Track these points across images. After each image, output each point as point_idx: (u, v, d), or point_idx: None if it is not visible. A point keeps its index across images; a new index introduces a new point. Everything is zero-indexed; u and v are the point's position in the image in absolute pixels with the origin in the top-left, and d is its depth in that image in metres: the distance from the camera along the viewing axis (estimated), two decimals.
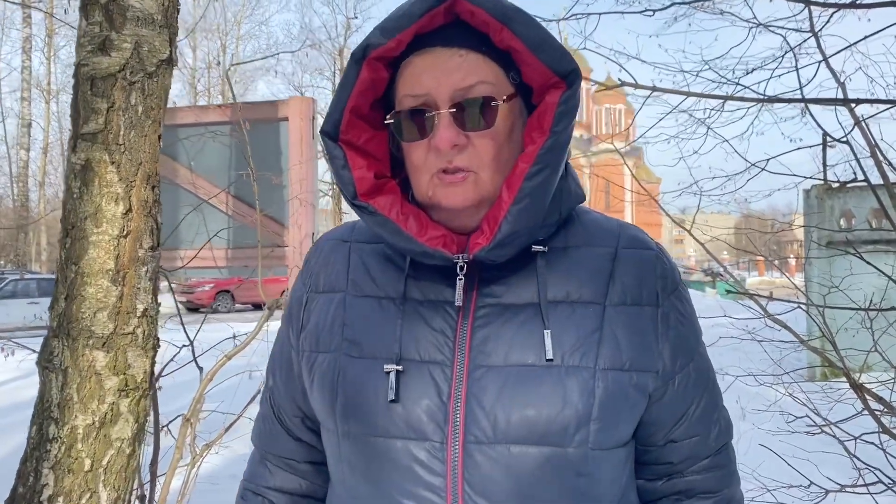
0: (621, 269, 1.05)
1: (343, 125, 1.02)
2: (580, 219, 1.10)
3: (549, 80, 0.98)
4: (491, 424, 0.95)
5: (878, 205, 3.51)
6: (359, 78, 0.99)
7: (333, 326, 1.07)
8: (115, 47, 1.98)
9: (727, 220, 46.10)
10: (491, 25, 0.96)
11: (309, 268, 1.17)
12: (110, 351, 1.95)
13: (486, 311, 1.01)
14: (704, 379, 1.11)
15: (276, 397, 1.20)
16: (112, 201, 1.95)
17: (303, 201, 3.38)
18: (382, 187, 1.05)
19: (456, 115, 0.98)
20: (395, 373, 0.98)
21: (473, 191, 0.99)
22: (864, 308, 2.75)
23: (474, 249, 0.99)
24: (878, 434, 2.76)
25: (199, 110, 3.62)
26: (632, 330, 1.02)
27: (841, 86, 3.23)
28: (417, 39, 0.99)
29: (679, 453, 1.11)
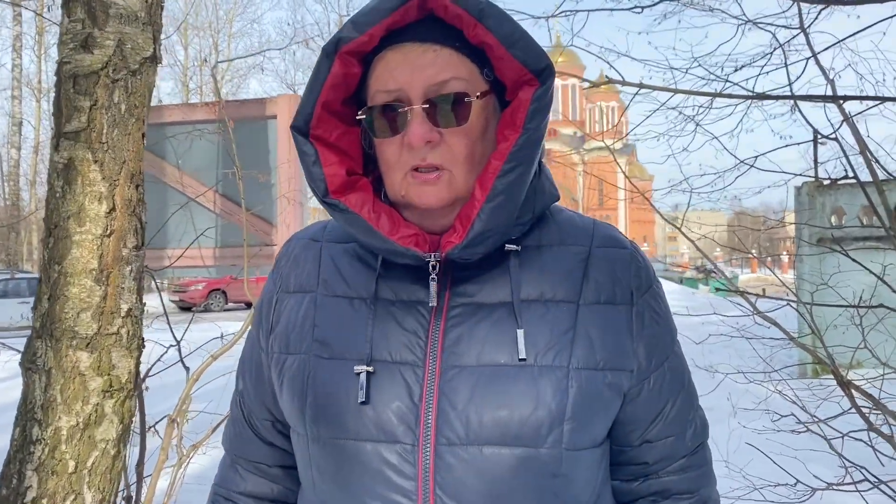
0: (595, 268, 1.04)
1: (314, 120, 1.00)
2: (554, 217, 1.09)
3: (522, 76, 0.97)
4: (463, 426, 0.94)
5: (868, 202, 3.52)
6: (330, 72, 0.97)
7: (304, 327, 1.05)
8: (97, 45, 1.97)
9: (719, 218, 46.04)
10: (464, 20, 0.95)
11: (279, 268, 1.15)
12: (94, 351, 1.93)
13: (459, 311, 1.00)
14: (680, 378, 1.11)
15: (247, 400, 1.17)
16: (95, 200, 1.93)
17: (291, 200, 3.35)
18: (354, 185, 1.03)
19: (429, 111, 0.96)
20: (366, 374, 0.96)
21: (447, 190, 0.98)
22: (853, 305, 2.75)
23: (447, 248, 0.98)
24: (865, 432, 2.76)
25: (187, 108, 3.60)
26: (606, 329, 1.01)
27: (830, 82, 3.23)
28: (390, 34, 0.97)
29: (655, 453, 1.09)
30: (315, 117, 1.00)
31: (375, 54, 1.00)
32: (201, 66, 34.33)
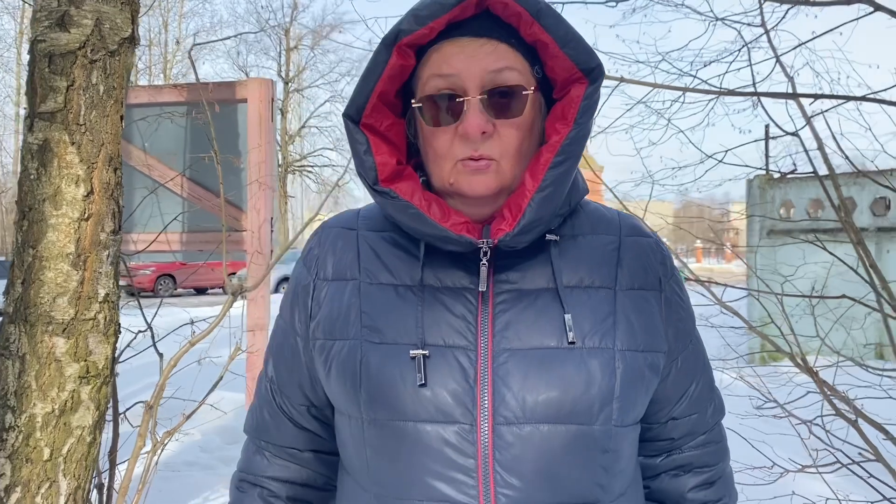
0: (627, 256, 1.10)
1: (368, 109, 1.02)
2: (583, 209, 1.14)
3: (572, 74, 1.01)
4: (519, 405, 0.97)
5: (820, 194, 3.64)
6: (389, 63, 1.00)
7: (349, 314, 1.07)
8: (74, 23, 1.92)
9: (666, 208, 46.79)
10: (523, 18, 0.98)
11: (313, 255, 1.15)
12: (71, 337, 1.89)
13: (505, 297, 1.03)
14: (702, 359, 1.18)
15: (281, 386, 1.18)
16: (72, 183, 1.89)
17: (262, 185, 3.32)
18: (401, 173, 1.06)
19: (486, 102, 0.99)
20: (422, 358, 0.99)
21: (495, 179, 1.01)
22: (818, 296, 2.86)
23: (498, 235, 1.01)
24: (821, 417, 2.88)
25: (154, 90, 3.52)
26: (641, 313, 1.06)
27: (790, 80, 3.33)
28: (447, 28, 1.00)
29: (679, 430, 1.17)
30: (369, 107, 1.02)
31: (430, 46, 1.02)
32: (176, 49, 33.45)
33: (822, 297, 2.95)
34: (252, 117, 3.31)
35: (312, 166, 36.10)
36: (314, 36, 35.52)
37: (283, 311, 1.19)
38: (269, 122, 3.32)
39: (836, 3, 2.98)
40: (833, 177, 3.58)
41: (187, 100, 3.35)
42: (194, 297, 22.68)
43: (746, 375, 3.24)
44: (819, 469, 2.53)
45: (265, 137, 3.29)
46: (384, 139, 1.06)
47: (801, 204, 9.81)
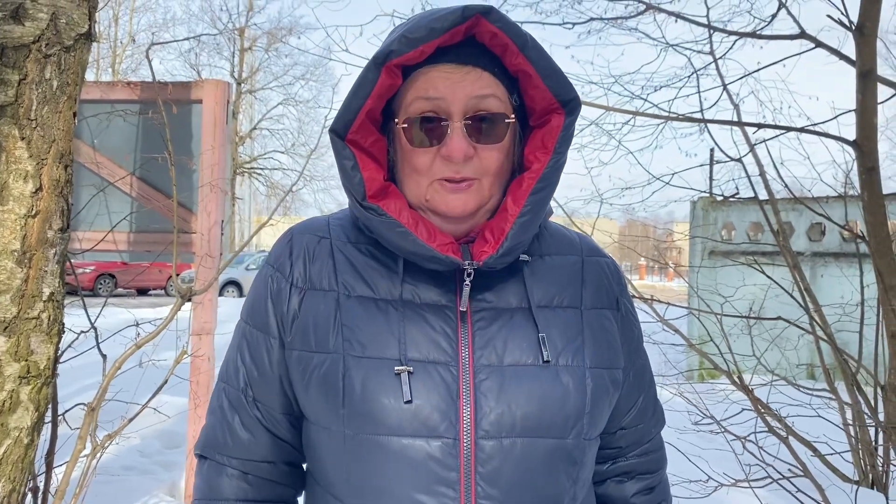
0: (589, 276, 1.15)
1: (355, 126, 1.04)
2: (547, 229, 1.19)
3: (550, 105, 1.06)
4: (499, 419, 1.01)
5: (761, 218, 3.78)
6: (378, 82, 1.02)
7: (328, 326, 1.06)
8: (29, 16, 1.89)
9: (612, 225, 47.57)
10: (509, 48, 1.03)
11: (284, 261, 1.13)
12: (12, 336, 1.85)
13: (483, 315, 1.07)
14: (648, 372, 1.25)
15: (258, 396, 1.13)
16: (21, 179, 1.85)
17: (213, 187, 3.28)
18: (386, 190, 1.08)
19: (469, 127, 1.03)
20: (407, 374, 1.00)
21: (474, 199, 1.05)
22: (755, 317, 2.97)
23: (481, 257, 1.04)
24: (755, 434, 2.99)
25: (107, 87, 3.45)
26: (604, 331, 1.12)
27: (736, 108, 3.47)
28: (435, 52, 1.03)
29: (627, 439, 1.23)
30: (356, 124, 1.04)
31: (416, 67, 1.05)
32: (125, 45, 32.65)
33: (758, 318, 3.06)
34: (207, 119, 3.27)
35: (262, 169, 35.67)
36: (269, 38, 35.18)
37: (252, 317, 1.15)
38: (224, 124, 3.29)
39: (780, 38, 3.11)
40: (773, 202, 3.73)
41: (141, 98, 3.29)
42: (135, 297, 22.14)
43: (685, 392, 3.34)
44: (751, 483, 2.62)
45: (219, 140, 3.25)
46: (369, 155, 1.08)
47: (742, 226, 10.11)
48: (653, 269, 53.67)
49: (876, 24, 2.65)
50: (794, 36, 3.01)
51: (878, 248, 2.70)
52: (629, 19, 3.38)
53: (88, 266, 21.71)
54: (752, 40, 3.28)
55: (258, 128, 35.74)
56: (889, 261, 2.72)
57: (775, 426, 2.70)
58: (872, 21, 2.63)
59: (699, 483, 2.76)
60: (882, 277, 2.70)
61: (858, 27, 2.66)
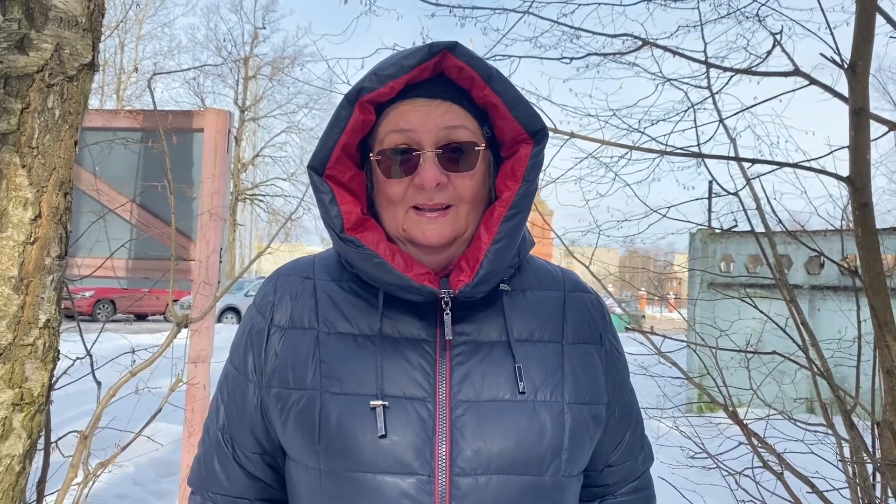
0: (571, 311, 1.16)
1: (331, 161, 1.07)
2: (530, 263, 1.20)
3: (519, 135, 1.08)
4: (475, 456, 1.00)
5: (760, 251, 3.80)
6: (352, 118, 1.05)
7: (307, 363, 1.08)
8: (34, 47, 1.92)
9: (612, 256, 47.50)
10: (476, 81, 1.06)
11: (268, 302, 1.16)
12: (7, 362, 1.85)
13: (462, 349, 1.07)
14: (636, 408, 1.25)
15: (233, 434, 1.17)
16: (20, 206, 1.87)
17: (213, 215, 3.30)
18: (365, 223, 1.10)
19: (440, 156, 1.06)
20: (382, 409, 1.01)
21: (451, 227, 1.07)
22: (751, 351, 2.97)
23: (458, 286, 1.06)
24: (751, 469, 2.96)
25: (109, 114, 3.49)
26: (586, 366, 1.12)
27: (733, 142, 3.50)
28: (405, 88, 1.07)
29: (614, 477, 1.23)
30: (333, 159, 1.07)
31: (388, 104, 1.08)
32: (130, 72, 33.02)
33: (755, 352, 3.06)
34: (208, 148, 3.30)
35: (264, 195, 35.81)
36: (273, 67, 35.54)
37: (234, 357, 1.18)
38: (225, 153, 3.32)
39: (775, 75, 3.15)
40: (769, 235, 3.74)
41: (142, 126, 3.33)
42: (134, 323, 22.09)
43: (681, 425, 3.32)
44: None
45: (219, 168, 3.28)
46: (347, 189, 1.11)
47: (741, 259, 10.13)
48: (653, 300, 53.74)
49: (868, 63, 2.69)
50: (789, 73, 3.05)
51: (873, 284, 2.70)
52: (627, 54, 3.43)
53: (88, 291, 21.71)
54: (748, 76, 3.33)
55: (261, 155, 35.97)
56: (883, 297, 2.73)
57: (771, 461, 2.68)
58: (864, 60, 2.67)
59: None
60: (876, 313, 2.71)
61: (851, 65, 2.70)
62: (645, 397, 4.43)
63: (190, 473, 1.23)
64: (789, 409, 3.83)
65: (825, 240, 6.50)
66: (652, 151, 3.09)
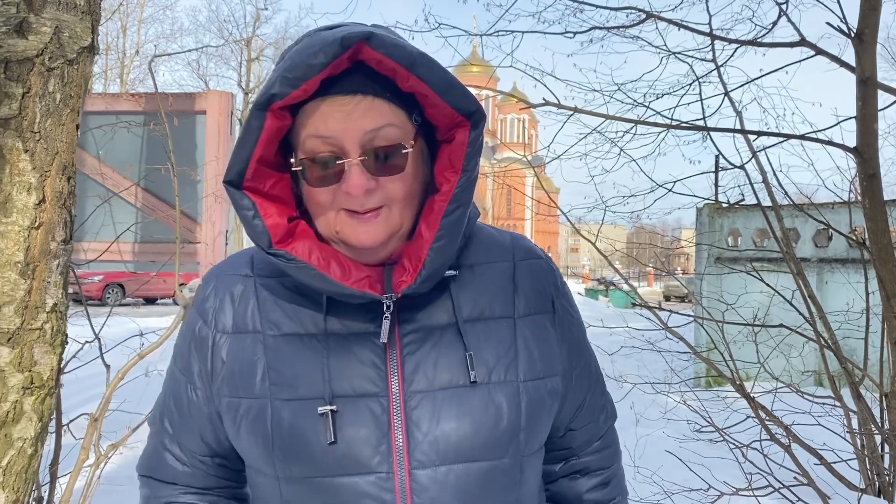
0: (522, 282, 1.12)
1: (248, 174, 1.00)
2: (476, 235, 1.15)
3: (454, 119, 1.02)
4: (432, 447, 0.99)
5: (766, 224, 3.78)
6: (264, 127, 0.98)
7: (255, 370, 1.04)
8: (33, 30, 1.91)
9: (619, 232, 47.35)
10: (398, 72, 0.98)
11: (209, 306, 1.11)
12: (16, 347, 1.86)
13: (411, 338, 1.04)
14: (593, 369, 1.21)
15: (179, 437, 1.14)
16: (24, 191, 1.87)
17: (218, 197, 3.29)
18: (294, 231, 1.05)
19: (366, 162, 0.99)
20: (330, 413, 0.98)
21: (384, 228, 1.01)
22: (757, 324, 2.97)
23: (400, 287, 1.02)
24: (759, 442, 2.97)
25: (111, 98, 3.48)
26: (538, 338, 1.09)
27: (738, 115, 3.47)
28: (321, 84, 0.98)
29: (577, 439, 1.21)
30: (250, 171, 1.00)
31: (305, 103, 1.00)
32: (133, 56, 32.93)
33: (762, 325, 3.06)
34: (211, 129, 3.29)
35: None
36: (276, 48, 35.36)
37: (177, 360, 1.15)
38: (228, 134, 3.31)
39: (781, 46, 3.11)
40: (776, 209, 3.72)
41: (145, 109, 3.31)
42: (143, 306, 22.22)
43: (688, 400, 3.33)
44: (754, 492, 2.61)
45: (223, 150, 3.27)
46: (270, 198, 1.04)
47: (748, 233, 10.08)
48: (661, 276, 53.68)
49: (875, 31, 2.65)
50: (795, 43, 3.01)
51: (881, 255, 2.69)
52: (631, 27, 3.39)
53: (96, 275, 21.81)
54: (753, 48, 3.29)
55: None
56: (891, 268, 2.71)
57: (779, 434, 2.69)
58: (871, 28, 2.63)
59: (700, 492, 2.75)
60: (884, 285, 2.69)
61: (858, 34, 2.66)
62: (653, 372, 4.45)
63: (139, 461, 1.21)
64: (797, 382, 3.83)
65: (833, 212, 6.46)
66: (657, 125, 3.07)
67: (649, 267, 7.77)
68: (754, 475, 2.69)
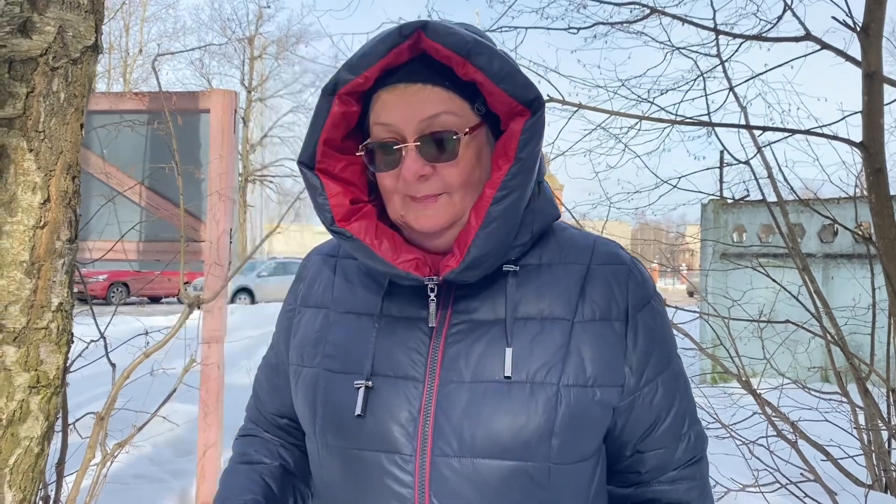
0: (592, 286, 1.08)
1: (318, 155, 1.07)
2: (556, 235, 1.14)
3: (514, 108, 1.03)
4: (457, 438, 0.99)
5: (772, 220, 3.77)
6: (330, 112, 1.04)
7: (317, 342, 1.12)
8: (37, 30, 1.91)
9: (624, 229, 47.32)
10: (453, 60, 1.00)
11: (298, 281, 1.23)
12: (22, 346, 1.87)
13: (459, 328, 1.06)
14: (673, 393, 1.12)
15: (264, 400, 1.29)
16: (29, 190, 1.87)
17: (222, 196, 3.30)
18: (358, 212, 1.10)
19: (421, 148, 1.02)
20: (364, 389, 1.03)
21: (444, 213, 1.04)
22: (763, 320, 2.96)
23: (444, 271, 1.04)
24: (765, 438, 2.97)
25: (115, 97, 3.48)
26: (598, 346, 1.04)
27: (743, 110, 3.46)
28: (385, 74, 1.03)
29: (646, 464, 1.14)
30: (319, 153, 1.07)
31: (373, 92, 1.06)
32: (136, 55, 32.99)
33: (767, 321, 3.05)
34: (214, 128, 3.29)
35: (273, 176, 35.84)
36: (279, 46, 35.38)
37: (275, 331, 1.28)
38: (232, 133, 3.31)
39: (786, 41, 3.10)
40: (781, 204, 3.71)
41: (149, 108, 3.32)
42: (148, 305, 22.28)
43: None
44: (761, 488, 2.60)
45: (227, 149, 3.28)
46: (339, 180, 1.10)
47: (753, 229, 10.06)
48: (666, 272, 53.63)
49: (881, 25, 2.63)
50: (800, 38, 3.00)
51: (887, 250, 2.68)
52: (634, 23, 3.38)
53: (101, 274, 21.87)
54: (758, 42, 3.27)
55: (269, 135, 35.93)
56: None
57: (785, 430, 2.68)
58: (877, 22, 2.62)
59: None
60: (891, 280, 2.68)
61: (863, 28, 2.65)
62: None
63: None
64: (803, 378, 3.82)
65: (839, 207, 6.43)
66: (662, 121, 3.06)
67: (654, 263, 7.76)
68: (761, 472, 2.68)
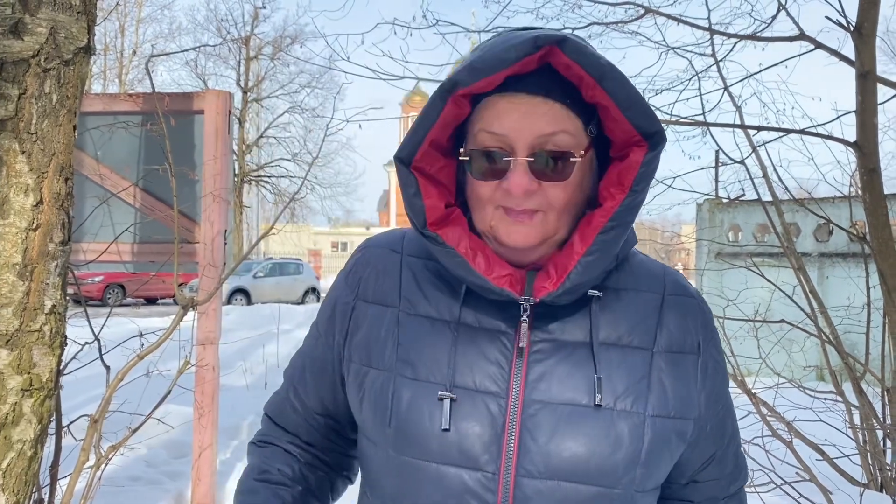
0: (668, 316, 1.08)
1: (419, 154, 1.02)
2: (629, 261, 1.12)
3: (631, 137, 0.99)
4: (543, 460, 0.97)
5: (767, 219, 3.78)
6: (442, 112, 0.99)
7: (386, 343, 1.06)
8: (28, 31, 1.90)
9: None
10: (584, 80, 0.96)
11: (355, 274, 1.15)
12: (14, 349, 1.86)
13: (542, 347, 1.02)
14: (731, 425, 1.16)
15: (301, 394, 1.21)
16: (21, 192, 1.87)
17: (216, 197, 3.29)
18: (449, 216, 1.06)
19: (532, 164, 0.98)
20: (450, 401, 0.99)
21: (538, 231, 1.00)
22: (759, 320, 2.96)
23: (540, 293, 1.01)
24: (761, 438, 2.97)
25: (109, 98, 3.47)
26: (676, 377, 1.04)
27: (738, 110, 3.46)
28: (505, 81, 0.99)
29: (700, 494, 1.16)
30: (420, 152, 1.02)
31: (485, 95, 1.01)
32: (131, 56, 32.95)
33: (762, 321, 3.05)
34: (209, 129, 3.28)
35: (269, 177, 35.79)
36: (274, 47, 35.34)
37: (319, 322, 1.20)
38: (226, 134, 3.30)
39: (781, 40, 3.11)
40: (776, 204, 3.72)
41: (143, 109, 3.31)
42: (144, 306, 22.24)
43: None
44: (756, 488, 2.61)
45: (221, 150, 3.26)
46: (434, 181, 1.06)
47: (749, 228, 10.08)
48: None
49: (874, 25, 2.64)
50: (794, 37, 3.01)
51: (881, 250, 2.69)
52: (629, 23, 3.38)
53: (97, 276, 21.81)
54: (753, 42, 3.27)
55: (265, 136, 35.88)
56: (892, 262, 2.71)
57: (780, 429, 2.68)
58: (871, 22, 2.63)
59: None
60: (885, 279, 2.69)
61: (857, 28, 2.66)
62: None
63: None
64: (798, 378, 3.83)
65: (833, 207, 6.45)
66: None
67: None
68: (756, 471, 2.69)
